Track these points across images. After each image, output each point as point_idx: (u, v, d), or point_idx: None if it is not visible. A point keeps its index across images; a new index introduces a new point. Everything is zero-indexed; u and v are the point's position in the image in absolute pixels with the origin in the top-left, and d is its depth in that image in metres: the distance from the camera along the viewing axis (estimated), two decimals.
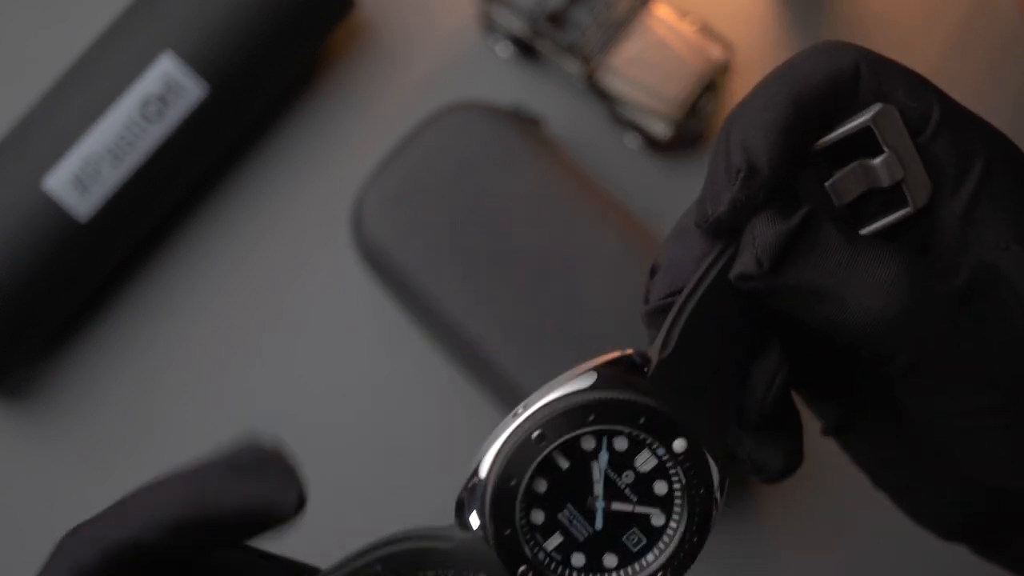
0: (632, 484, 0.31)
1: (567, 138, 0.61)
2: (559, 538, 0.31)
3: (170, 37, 0.57)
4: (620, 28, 0.59)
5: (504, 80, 0.62)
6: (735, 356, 0.31)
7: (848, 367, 0.33)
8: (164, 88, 0.57)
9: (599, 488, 0.31)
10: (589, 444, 0.30)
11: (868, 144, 0.30)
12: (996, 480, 0.31)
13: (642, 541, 0.31)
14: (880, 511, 0.59)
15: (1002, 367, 0.29)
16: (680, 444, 0.30)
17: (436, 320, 0.56)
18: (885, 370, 0.30)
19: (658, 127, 0.59)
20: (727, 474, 0.31)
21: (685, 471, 0.30)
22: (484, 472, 0.30)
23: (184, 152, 0.58)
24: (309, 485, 0.31)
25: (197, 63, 0.57)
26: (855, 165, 0.30)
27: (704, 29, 0.59)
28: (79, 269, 0.58)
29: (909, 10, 0.63)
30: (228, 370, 0.60)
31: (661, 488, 0.31)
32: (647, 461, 0.31)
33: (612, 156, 0.61)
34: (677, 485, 0.31)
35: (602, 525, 0.31)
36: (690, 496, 0.31)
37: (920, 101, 0.30)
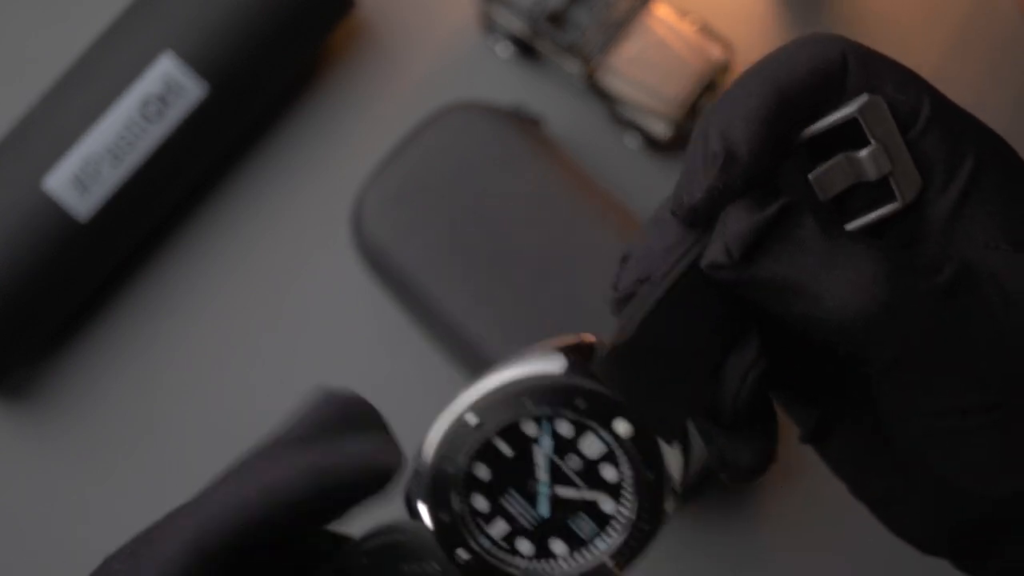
0: (579, 470, 0.30)
1: (567, 138, 0.61)
2: (504, 525, 0.30)
3: (170, 37, 0.57)
4: (620, 28, 0.59)
5: (504, 80, 0.62)
6: (708, 347, 0.29)
7: (826, 367, 0.32)
8: (164, 88, 0.57)
9: (542, 474, 0.30)
10: (531, 429, 0.29)
11: (854, 137, 0.29)
12: (979, 486, 0.30)
13: (592, 528, 0.30)
14: None
15: (987, 365, 0.28)
16: (624, 428, 0.29)
17: (436, 320, 0.56)
18: (864, 369, 0.29)
19: (658, 127, 0.59)
20: (688, 463, 0.30)
21: (632, 457, 0.29)
22: (425, 459, 0.30)
23: (184, 152, 0.58)
24: None
25: (197, 63, 0.57)
26: (840, 158, 0.29)
27: (704, 29, 0.59)
28: (79, 269, 0.58)
29: (909, 10, 0.63)
30: (228, 370, 0.60)
31: (610, 474, 0.30)
32: (593, 446, 0.29)
33: (612, 156, 0.61)
34: (626, 472, 0.29)
35: (548, 511, 0.30)
36: (639, 483, 0.29)
37: (910, 95, 0.29)
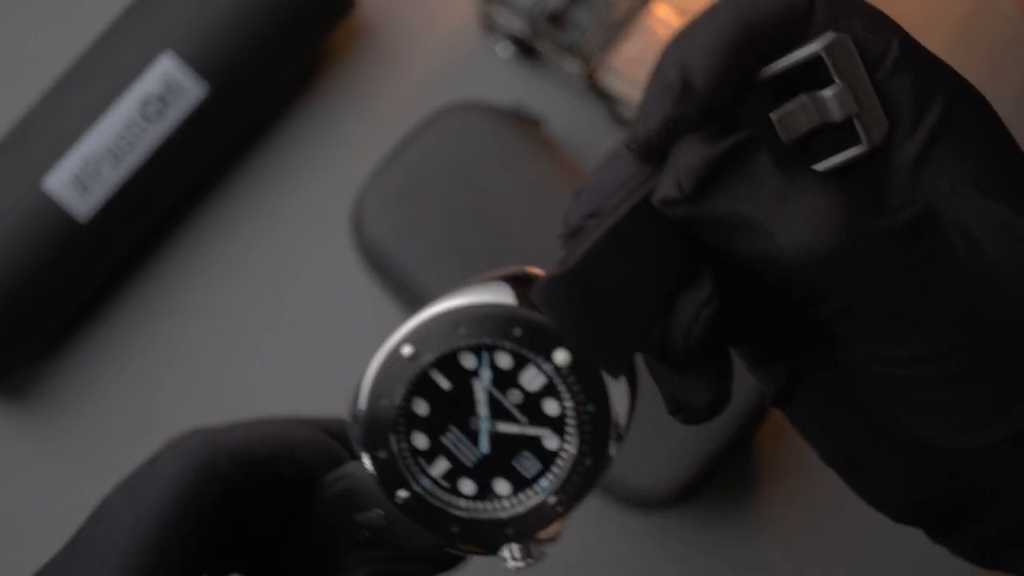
0: (521, 404, 0.28)
1: (567, 138, 0.61)
2: (445, 463, 0.29)
3: (170, 37, 0.57)
4: (620, 28, 0.59)
5: (504, 80, 0.62)
6: (656, 283, 0.28)
7: (786, 317, 0.31)
8: (164, 88, 0.57)
9: (483, 408, 0.28)
10: (470, 362, 0.28)
11: (820, 77, 0.28)
12: (947, 440, 0.29)
13: (535, 467, 0.29)
14: (880, 516, 0.59)
15: (950, 312, 0.27)
16: (562, 357, 0.27)
17: None
18: (820, 313, 0.28)
19: None
20: (635, 401, 0.29)
21: (573, 388, 0.28)
22: (361, 398, 0.29)
23: (184, 152, 0.58)
24: None
25: (197, 63, 0.57)
26: (804, 98, 0.28)
27: None
28: (79, 269, 0.58)
29: (909, 10, 0.63)
30: (228, 370, 0.60)
31: (552, 408, 0.28)
32: (534, 379, 0.28)
33: None
34: (568, 404, 0.28)
35: (489, 448, 0.29)
36: (581, 416, 0.28)
37: (878, 35, 0.28)
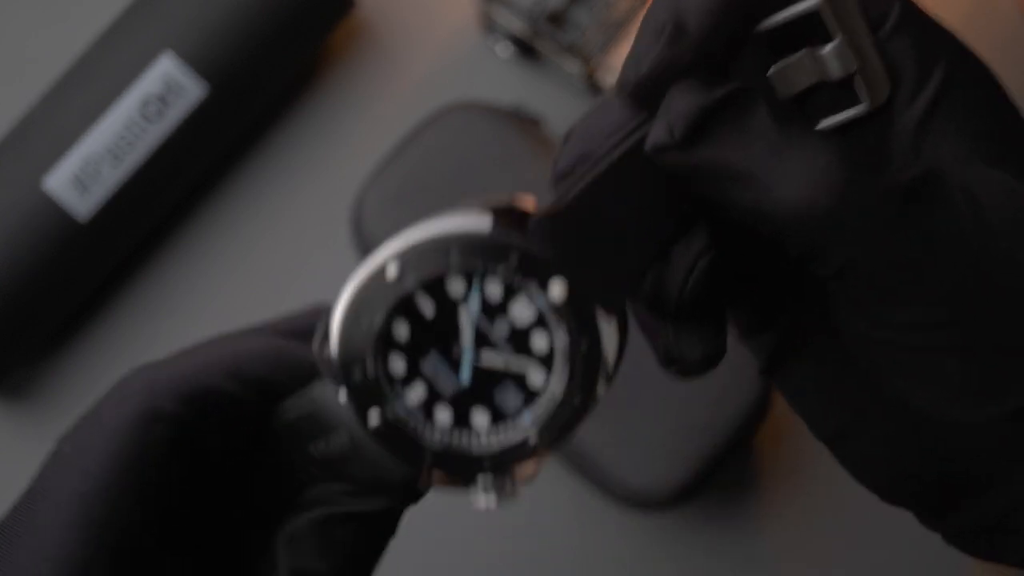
0: (507, 337, 0.27)
1: None
2: (422, 391, 0.28)
3: (170, 37, 0.57)
4: (620, 28, 0.59)
5: (504, 80, 0.62)
6: (648, 231, 0.27)
7: (780, 278, 0.30)
8: (164, 88, 0.57)
9: (467, 338, 0.27)
10: (458, 288, 0.27)
11: (820, 33, 0.27)
12: (943, 411, 0.28)
13: (517, 401, 0.28)
14: (880, 516, 0.59)
15: (950, 279, 0.26)
16: (558, 290, 0.26)
17: None
18: (817, 273, 0.27)
19: None
20: (624, 346, 0.28)
21: (566, 322, 0.27)
22: (337, 314, 0.27)
23: (184, 152, 0.58)
24: None
25: (197, 63, 0.57)
26: (802, 54, 0.27)
27: None
28: (79, 269, 0.58)
29: None
30: None
31: (541, 343, 0.27)
32: (524, 311, 0.27)
33: None
34: (559, 340, 0.27)
35: (470, 379, 0.27)
36: (572, 352, 0.27)
37: None
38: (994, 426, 0.28)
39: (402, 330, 0.27)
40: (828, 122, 0.28)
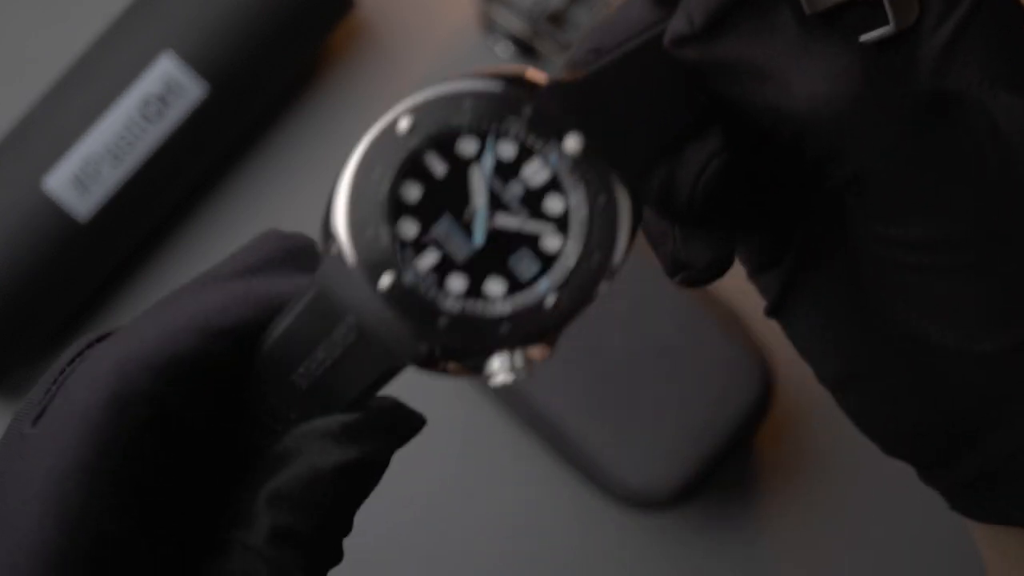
0: (522, 198, 0.26)
1: None
2: (434, 256, 0.26)
3: (170, 37, 0.57)
4: None
5: None
6: (667, 122, 0.27)
7: (795, 192, 0.30)
8: (164, 88, 0.57)
9: (480, 198, 0.26)
10: (470, 148, 0.26)
11: None
12: (952, 338, 0.27)
13: (533, 266, 0.27)
14: (880, 516, 0.59)
15: (967, 197, 0.26)
16: (574, 142, 0.26)
17: None
18: (831, 179, 0.27)
19: None
20: (636, 230, 0.27)
21: (584, 178, 0.26)
22: (344, 177, 0.27)
23: (184, 152, 0.58)
24: None
25: (197, 63, 0.57)
26: None
27: None
28: (79, 269, 0.58)
29: None
30: None
31: (556, 205, 0.26)
32: (539, 172, 0.26)
33: None
34: (574, 200, 0.26)
35: (483, 241, 0.26)
36: (591, 210, 0.26)
37: None
38: (1004, 358, 0.28)
39: (413, 191, 0.26)
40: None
